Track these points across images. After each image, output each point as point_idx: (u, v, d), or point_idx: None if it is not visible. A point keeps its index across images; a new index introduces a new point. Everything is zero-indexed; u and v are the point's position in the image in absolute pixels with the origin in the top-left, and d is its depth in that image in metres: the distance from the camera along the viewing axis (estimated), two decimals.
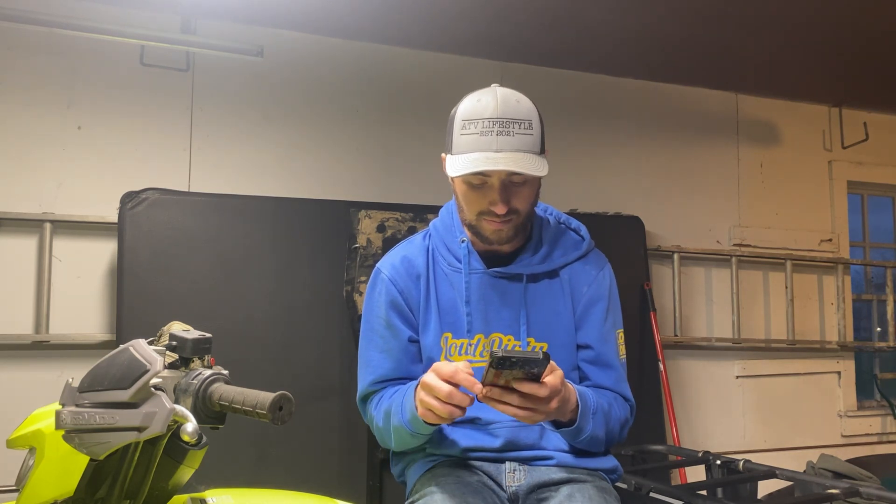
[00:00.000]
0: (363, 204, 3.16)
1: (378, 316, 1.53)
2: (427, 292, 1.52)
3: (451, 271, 1.52)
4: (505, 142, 1.36)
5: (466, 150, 1.38)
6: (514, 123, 1.37)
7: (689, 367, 3.95)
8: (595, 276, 1.54)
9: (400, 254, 1.56)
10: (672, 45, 3.54)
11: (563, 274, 1.53)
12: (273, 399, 1.02)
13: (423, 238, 1.59)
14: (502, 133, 1.36)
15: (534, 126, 1.40)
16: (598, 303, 1.53)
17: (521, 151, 1.36)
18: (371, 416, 1.52)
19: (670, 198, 4.02)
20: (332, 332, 3.07)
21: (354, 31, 3.39)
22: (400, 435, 1.42)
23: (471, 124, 1.38)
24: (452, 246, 1.52)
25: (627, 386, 1.55)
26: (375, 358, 1.52)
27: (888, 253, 4.80)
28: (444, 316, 1.50)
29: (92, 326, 2.98)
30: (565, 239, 1.57)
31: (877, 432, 4.33)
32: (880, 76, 3.94)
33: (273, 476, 2.89)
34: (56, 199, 2.98)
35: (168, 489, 1.19)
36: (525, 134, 1.38)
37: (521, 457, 1.47)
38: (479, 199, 1.41)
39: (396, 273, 1.53)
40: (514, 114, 1.38)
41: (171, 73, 3.17)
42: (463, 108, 1.41)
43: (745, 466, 2.10)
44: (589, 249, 1.58)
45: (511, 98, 1.40)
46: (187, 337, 1.14)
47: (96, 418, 1.01)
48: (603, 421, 1.43)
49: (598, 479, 1.46)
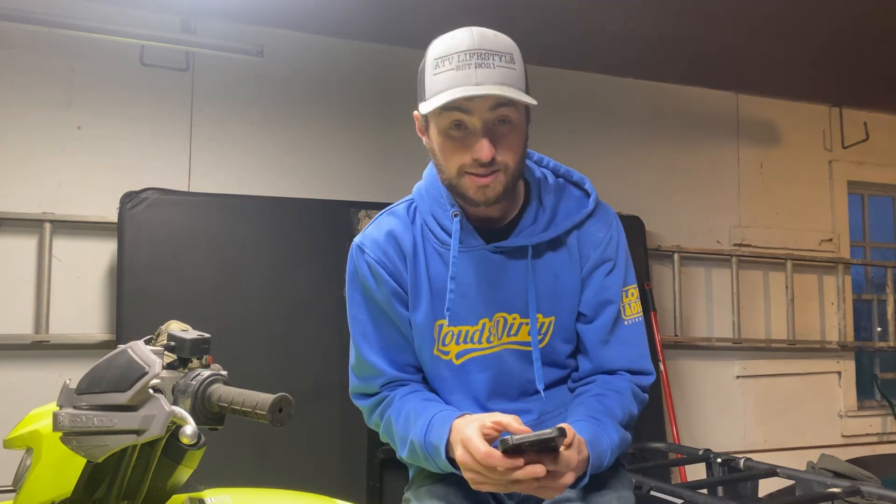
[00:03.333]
0: (363, 204, 3.16)
1: (369, 304, 1.36)
2: (416, 273, 1.34)
3: (443, 250, 1.33)
4: (485, 74, 1.18)
5: (441, 90, 1.19)
6: (493, 55, 1.20)
7: (689, 367, 3.95)
8: (602, 238, 1.38)
9: (384, 227, 1.36)
10: (672, 45, 3.54)
11: (571, 240, 1.36)
12: (273, 400, 1.01)
13: (407, 209, 1.39)
14: (481, 66, 1.18)
15: (516, 61, 1.23)
16: (601, 265, 1.37)
17: (505, 84, 1.19)
18: (385, 420, 1.37)
19: (670, 198, 4.02)
20: (331, 332, 3.07)
21: (354, 31, 3.38)
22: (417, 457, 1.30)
23: (444, 61, 1.20)
24: (443, 220, 1.33)
25: (638, 350, 1.39)
26: (375, 356, 1.37)
27: (888, 253, 4.80)
28: (437, 301, 1.33)
29: (92, 326, 2.98)
30: (568, 197, 1.40)
31: (877, 432, 4.32)
32: (880, 76, 3.93)
33: (273, 476, 2.89)
34: (56, 199, 2.97)
35: (166, 489, 1.19)
36: (507, 67, 1.20)
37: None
38: (459, 151, 1.23)
39: (383, 254, 1.34)
40: (493, 46, 1.21)
41: (171, 73, 3.17)
42: (434, 48, 1.24)
43: (745, 465, 2.10)
44: (595, 206, 1.40)
45: (488, 32, 1.23)
46: (186, 337, 1.13)
47: (94, 421, 1.01)
48: (620, 444, 1.29)
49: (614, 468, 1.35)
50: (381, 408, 1.38)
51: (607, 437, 1.26)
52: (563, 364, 1.40)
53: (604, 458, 1.24)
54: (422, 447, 1.25)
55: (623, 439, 1.31)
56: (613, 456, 1.27)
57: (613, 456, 1.27)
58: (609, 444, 1.26)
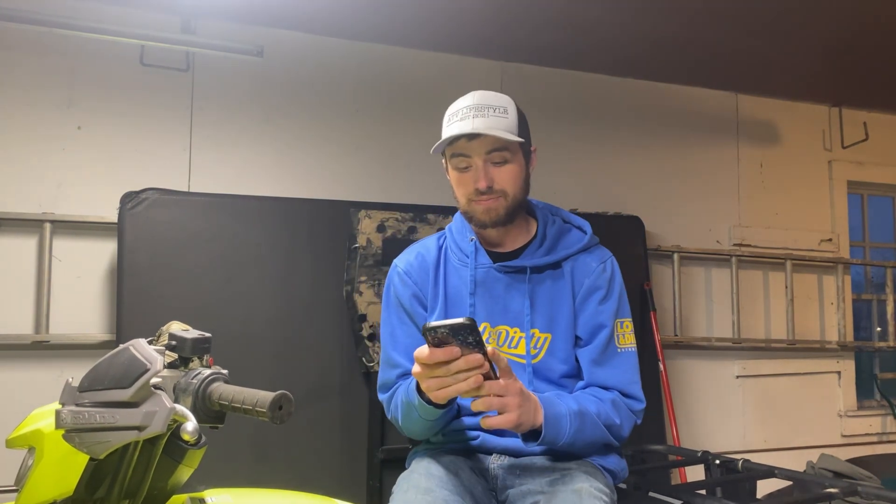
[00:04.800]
0: (363, 204, 3.16)
1: (398, 309, 1.63)
2: (436, 281, 1.62)
3: (460, 265, 1.61)
4: (480, 122, 1.48)
5: (449, 136, 1.51)
6: (488, 108, 1.50)
7: (689, 367, 3.95)
8: (595, 268, 1.59)
9: (415, 251, 1.68)
10: (672, 45, 3.54)
11: (566, 266, 1.60)
12: (273, 398, 1.02)
13: (438, 238, 1.70)
14: (478, 116, 1.49)
15: (509, 112, 1.52)
16: (594, 293, 1.57)
17: (496, 129, 1.48)
18: (394, 402, 1.57)
19: (670, 198, 4.02)
20: (332, 332, 3.07)
21: (354, 31, 3.39)
22: (407, 412, 1.49)
23: (453, 116, 1.52)
24: (463, 244, 1.63)
25: (630, 376, 1.56)
26: (397, 353, 1.60)
27: (888, 253, 4.80)
28: (451, 307, 1.59)
29: (92, 326, 2.98)
30: (569, 235, 1.64)
31: (877, 432, 4.33)
32: (880, 76, 3.94)
33: (273, 476, 2.89)
34: (56, 199, 2.98)
35: (167, 489, 1.19)
36: (500, 116, 1.50)
37: (505, 449, 1.53)
38: (466, 182, 1.53)
39: (411, 267, 1.64)
40: (491, 101, 1.51)
41: (171, 73, 3.18)
42: (449, 109, 1.56)
43: (744, 466, 2.10)
44: (591, 242, 1.64)
45: (488, 93, 1.54)
46: (187, 336, 1.14)
47: (96, 417, 1.01)
48: (581, 424, 1.43)
49: (587, 466, 1.49)
50: (395, 396, 1.57)
51: (565, 406, 1.42)
52: (556, 382, 1.56)
53: (561, 422, 1.40)
54: (405, 396, 1.47)
55: (587, 420, 1.44)
56: (574, 429, 1.41)
57: (574, 429, 1.41)
58: (567, 410, 1.41)
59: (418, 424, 1.49)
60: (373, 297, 3.04)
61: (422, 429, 1.52)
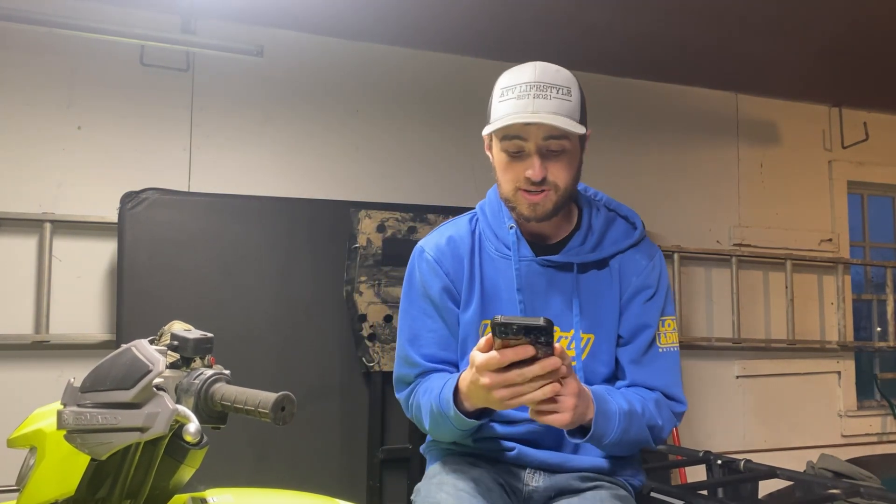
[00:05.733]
0: (363, 204, 3.16)
1: (424, 300, 1.47)
2: (471, 274, 1.46)
3: (497, 256, 1.46)
4: (542, 104, 1.32)
5: (503, 115, 1.34)
6: (552, 88, 1.34)
7: (689, 367, 3.95)
8: (644, 266, 1.48)
9: (446, 234, 1.50)
10: (672, 45, 3.54)
11: (613, 263, 1.47)
12: (275, 399, 1.01)
13: (469, 220, 1.53)
14: (539, 96, 1.33)
15: (573, 94, 1.37)
16: (642, 292, 1.46)
17: (559, 115, 1.33)
18: (415, 402, 1.46)
19: (670, 198, 4.02)
20: (332, 332, 3.07)
21: (354, 31, 3.38)
22: (438, 421, 1.37)
23: (508, 90, 1.36)
24: (500, 232, 1.47)
25: (672, 377, 1.48)
26: (415, 352, 1.47)
27: (888, 253, 4.80)
28: (487, 303, 1.45)
29: (92, 326, 2.98)
30: (616, 227, 1.52)
31: (877, 432, 4.33)
32: (880, 76, 3.94)
33: (273, 476, 2.89)
34: (56, 199, 2.97)
35: (169, 489, 1.19)
36: (563, 98, 1.34)
37: (542, 462, 1.43)
38: (516, 170, 1.37)
39: (442, 254, 1.47)
40: (553, 79, 1.35)
41: (171, 73, 3.17)
42: (502, 79, 1.40)
43: (745, 466, 2.10)
44: (641, 238, 1.52)
45: (550, 67, 1.38)
46: (189, 337, 1.13)
47: (98, 418, 1.01)
48: (629, 424, 1.35)
49: (619, 489, 1.42)
50: (415, 394, 1.46)
51: (616, 403, 1.33)
52: (596, 384, 1.43)
53: (611, 420, 1.30)
54: (437, 405, 1.34)
55: (634, 419, 1.35)
56: (621, 429, 1.32)
57: (621, 429, 1.32)
58: (618, 408, 1.32)
59: (451, 434, 1.39)
60: (373, 297, 3.04)
61: (453, 436, 1.41)
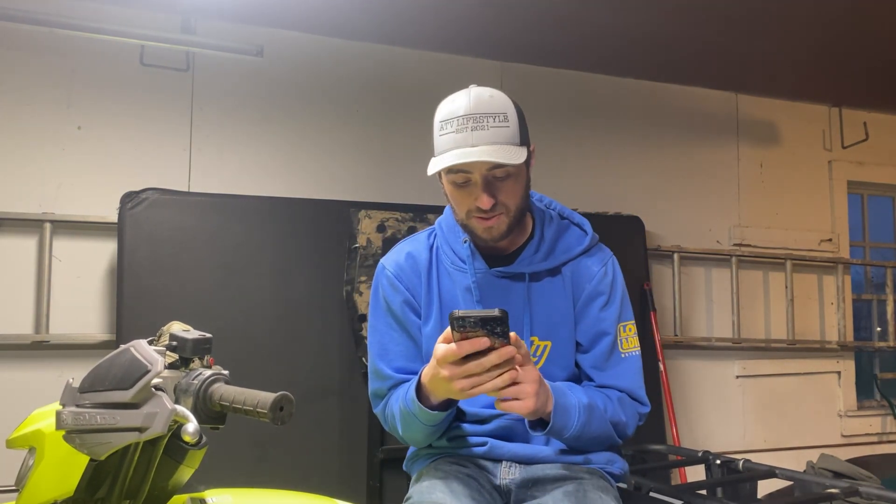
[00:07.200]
0: (363, 204, 3.16)
1: (387, 315, 1.53)
2: (429, 287, 1.51)
3: (454, 269, 1.51)
4: (479, 136, 1.35)
5: (444, 150, 1.37)
6: (487, 117, 1.36)
7: (689, 367, 3.95)
8: (596, 272, 1.51)
9: (404, 250, 1.56)
10: (672, 45, 3.54)
11: (566, 270, 1.51)
12: (274, 399, 1.02)
13: (427, 236, 1.59)
14: (476, 128, 1.35)
15: (509, 118, 1.38)
16: (596, 298, 1.50)
17: (497, 144, 1.35)
18: (389, 411, 1.51)
19: (670, 198, 4.02)
20: (332, 332, 3.07)
21: (354, 31, 3.39)
22: (407, 421, 1.43)
23: (446, 124, 1.38)
24: (456, 246, 1.52)
25: (634, 381, 1.51)
26: (385, 365, 1.52)
27: (888, 253, 4.80)
28: (447, 313, 1.47)
29: (92, 326, 2.98)
30: (568, 234, 1.55)
31: (877, 432, 4.33)
32: (880, 76, 3.94)
33: (273, 476, 2.89)
34: (56, 199, 2.98)
35: (168, 489, 1.19)
36: (500, 126, 1.36)
37: (515, 455, 1.47)
38: (465, 198, 1.41)
39: (401, 270, 1.53)
40: (487, 108, 1.37)
41: (170, 73, 3.17)
42: (439, 111, 1.42)
43: (744, 466, 2.10)
44: (592, 244, 1.55)
45: (484, 94, 1.39)
46: (187, 337, 1.13)
47: (97, 419, 1.01)
48: (589, 418, 1.39)
49: (597, 478, 1.44)
50: (388, 405, 1.51)
51: (575, 397, 1.39)
52: None
53: (570, 413, 1.36)
54: (404, 405, 1.40)
55: (595, 414, 1.40)
56: (581, 423, 1.37)
57: (581, 423, 1.37)
58: (577, 402, 1.38)
59: (421, 432, 1.44)
60: None
61: (424, 435, 1.47)
